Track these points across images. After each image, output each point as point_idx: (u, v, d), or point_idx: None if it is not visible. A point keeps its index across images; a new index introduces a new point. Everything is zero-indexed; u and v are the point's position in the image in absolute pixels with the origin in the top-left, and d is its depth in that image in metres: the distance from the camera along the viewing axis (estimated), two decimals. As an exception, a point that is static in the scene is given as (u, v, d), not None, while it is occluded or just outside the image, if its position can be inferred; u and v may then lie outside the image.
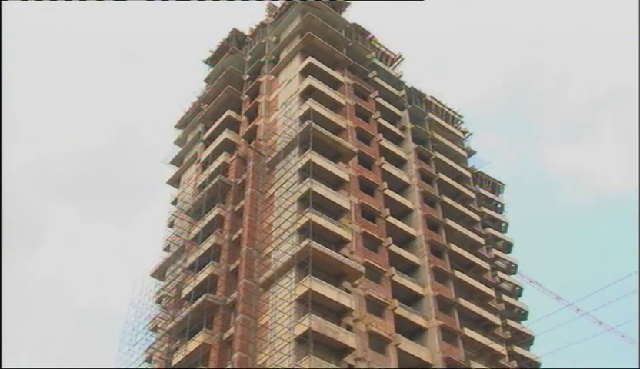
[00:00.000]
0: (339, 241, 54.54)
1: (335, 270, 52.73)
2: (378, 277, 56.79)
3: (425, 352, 56.03)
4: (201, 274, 58.17)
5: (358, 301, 53.00)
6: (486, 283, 68.03)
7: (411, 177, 67.66)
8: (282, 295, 51.18)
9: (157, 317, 62.63)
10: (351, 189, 59.63)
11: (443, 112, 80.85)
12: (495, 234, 76.92)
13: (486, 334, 63.02)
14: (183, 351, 55.12)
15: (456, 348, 58.92)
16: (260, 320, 52.80)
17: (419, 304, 59.05)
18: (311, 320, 47.69)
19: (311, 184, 54.68)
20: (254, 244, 56.94)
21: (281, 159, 60.25)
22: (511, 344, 67.67)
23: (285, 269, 52.27)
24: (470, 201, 74.09)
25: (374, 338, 52.84)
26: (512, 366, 65.23)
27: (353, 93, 68.75)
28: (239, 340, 51.52)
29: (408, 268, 60.55)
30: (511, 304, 72.41)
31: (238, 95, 72.74)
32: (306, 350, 46.71)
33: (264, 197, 60.17)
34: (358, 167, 62.48)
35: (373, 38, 77.28)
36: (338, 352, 49.36)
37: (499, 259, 75.13)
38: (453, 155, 76.16)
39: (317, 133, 58.60)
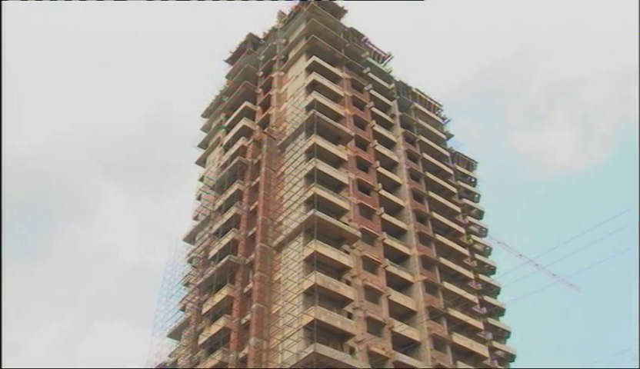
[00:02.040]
0: (339, 210, 54.47)
1: (336, 235, 52.73)
2: (372, 240, 56.73)
3: (411, 302, 56.28)
4: (225, 238, 58.41)
5: (355, 261, 53.05)
6: (462, 244, 68.23)
7: (400, 157, 67.41)
8: (292, 256, 51.39)
9: (189, 274, 62.95)
10: (349, 167, 59.39)
11: (426, 102, 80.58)
12: (469, 204, 76.71)
13: (461, 287, 63.23)
14: (210, 302, 55.60)
15: (437, 298, 59.18)
16: (274, 276, 52.95)
17: (406, 262, 59.12)
18: (317, 276, 47.92)
19: (316, 163, 54.87)
20: (268, 214, 56.90)
21: (290, 142, 60.14)
22: (482, 294, 67.91)
23: (294, 234, 52.45)
24: (448, 176, 73.98)
25: (369, 291, 52.98)
26: (482, 312, 65.34)
27: (350, 86, 68.42)
28: (257, 293, 51.70)
29: (397, 233, 60.48)
30: (482, 262, 72.43)
31: (254, 89, 72.47)
32: (312, 301, 47.04)
33: (276, 175, 60.07)
34: (355, 149, 62.10)
35: (367, 39, 76.77)
36: (339, 303, 49.47)
37: (473, 224, 74.99)
38: (434, 138, 75.89)
39: (320, 120, 58.71)
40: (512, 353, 67.99)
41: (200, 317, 57.41)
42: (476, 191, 79.99)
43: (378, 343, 50.46)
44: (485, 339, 63.24)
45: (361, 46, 74.68)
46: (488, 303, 68.52)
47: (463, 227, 70.73)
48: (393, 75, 77.34)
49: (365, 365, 47.46)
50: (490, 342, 64.38)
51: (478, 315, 63.91)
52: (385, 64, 78.04)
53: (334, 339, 47.17)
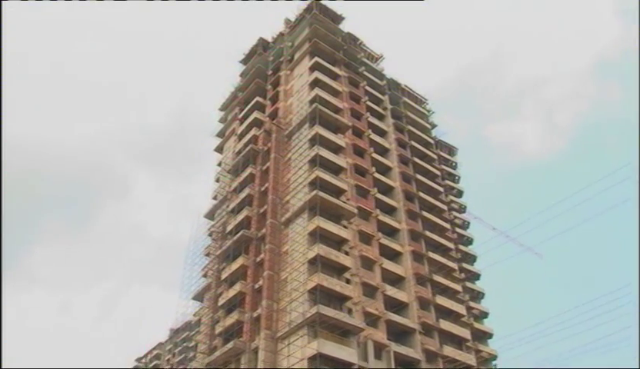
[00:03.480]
0: (339, 190, 54.74)
1: (335, 211, 53.04)
2: (367, 216, 57.09)
3: (401, 269, 56.78)
4: (239, 215, 58.75)
5: (352, 234, 53.44)
6: (444, 220, 68.64)
7: (391, 144, 67.62)
8: (298, 230, 51.79)
9: (209, 246, 63.36)
10: (347, 153, 59.56)
11: (413, 96, 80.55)
12: (450, 184, 77.12)
13: (444, 256, 63.78)
14: (228, 270, 56.04)
15: (423, 266, 59.63)
16: (282, 248, 53.34)
17: (397, 235, 59.57)
18: (319, 248, 48.28)
19: (318, 150, 55.17)
20: (277, 194, 57.23)
21: (295, 132, 60.40)
22: (461, 262, 68.39)
23: (300, 211, 52.77)
24: (433, 160, 74.21)
25: (364, 260, 53.39)
26: (461, 277, 65.89)
27: (348, 83, 68.36)
28: (268, 262, 52.17)
29: (388, 210, 60.88)
30: (461, 234, 72.90)
31: (264, 86, 72.45)
32: (315, 268, 47.44)
33: (283, 160, 60.31)
34: (352, 137, 62.27)
35: (361, 42, 76.66)
36: (338, 270, 49.88)
37: (453, 202, 75.39)
38: (420, 127, 75.96)
39: (322, 112, 58.88)
40: (486, 311, 68.84)
41: (219, 282, 57.95)
42: (456, 174, 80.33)
43: (372, 304, 51.01)
44: (463, 300, 63.85)
45: (357, 48, 74.62)
46: (466, 269, 69.12)
47: (445, 204, 71.15)
48: (385, 73, 77.34)
49: (361, 323, 48.02)
50: (467, 302, 65.04)
51: (458, 280, 64.41)
52: (377, 63, 78.01)
53: (334, 301, 47.64)
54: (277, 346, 47.60)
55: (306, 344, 44.07)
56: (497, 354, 65.06)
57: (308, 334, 44.59)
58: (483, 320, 68.06)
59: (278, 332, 48.08)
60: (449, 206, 72.81)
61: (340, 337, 45.83)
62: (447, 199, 73.11)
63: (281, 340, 47.36)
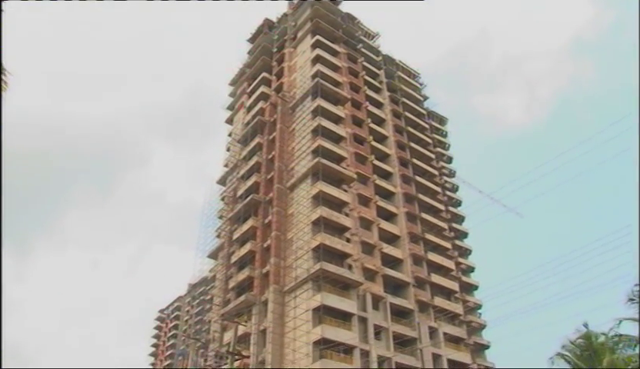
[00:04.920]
0: (339, 157, 54.08)
1: (336, 177, 52.49)
2: (365, 181, 56.43)
3: (396, 229, 56.36)
4: (249, 181, 58.30)
5: (352, 197, 52.92)
6: (435, 184, 67.81)
7: (387, 115, 66.43)
8: (302, 194, 51.37)
9: (222, 209, 62.84)
10: (346, 123, 58.65)
11: (407, 71, 79.02)
12: (441, 152, 75.98)
13: (435, 216, 63.19)
14: (239, 231, 55.75)
15: (416, 226, 59.19)
16: (288, 210, 52.92)
17: (393, 198, 58.91)
18: (322, 210, 47.97)
19: (320, 120, 54.48)
20: (282, 161, 56.55)
21: (299, 104, 59.56)
22: (451, 222, 67.86)
23: (304, 177, 52.29)
24: (425, 129, 73.03)
25: (363, 221, 52.99)
26: (450, 235, 65.43)
27: (347, 59, 67.02)
28: (275, 223, 51.80)
29: (385, 175, 60.11)
30: (451, 197, 72.13)
31: (270, 62, 71.14)
32: (319, 229, 47.30)
33: (288, 130, 59.42)
34: (350, 109, 61.21)
35: (359, 21, 74.94)
36: (339, 230, 49.55)
37: (444, 168, 74.42)
38: (414, 100, 74.59)
39: (323, 86, 58.03)
40: (472, 266, 68.55)
41: (231, 242, 57.63)
42: (447, 142, 79.09)
43: (370, 260, 50.73)
44: (452, 256, 63.49)
45: (355, 27, 72.97)
46: (455, 228, 68.59)
47: (436, 170, 70.26)
48: (380, 50, 75.79)
49: (360, 278, 47.80)
50: (456, 258, 64.69)
51: (447, 238, 63.99)
52: (374, 41, 76.36)
53: (336, 258, 47.37)
54: (284, 299, 47.53)
55: (311, 296, 44.07)
56: (482, 303, 65.02)
57: (313, 288, 44.52)
58: (470, 274, 67.86)
59: (285, 286, 47.94)
60: (440, 171, 71.91)
61: (341, 291, 45.79)
62: (438, 165, 72.17)
63: (288, 293, 47.25)
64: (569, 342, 32.20)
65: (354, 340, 43.41)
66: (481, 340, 64.27)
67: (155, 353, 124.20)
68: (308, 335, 42.44)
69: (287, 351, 44.18)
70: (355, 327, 44.53)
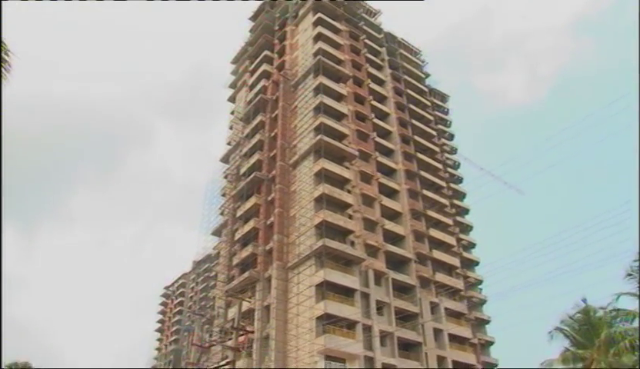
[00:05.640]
0: (341, 135, 53.97)
1: (338, 154, 52.50)
2: (367, 158, 56.39)
3: (398, 205, 56.46)
4: (252, 159, 58.24)
5: (354, 174, 52.96)
6: (437, 160, 67.67)
7: (388, 92, 66.09)
8: (305, 171, 51.41)
9: (225, 187, 63.02)
10: (348, 101, 58.42)
11: (408, 48, 78.32)
12: (443, 129, 75.73)
13: (436, 193, 63.24)
14: (242, 208, 55.87)
15: (418, 203, 59.29)
16: (291, 188, 53.04)
17: (394, 175, 58.92)
18: (324, 187, 48.02)
19: (322, 98, 54.25)
20: (285, 139, 56.49)
21: (301, 82, 59.30)
22: (452, 199, 67.91)
23: (306, 155, 52.29)
24: (427, 107, 72.64)
25: (365, 198, 53.09)
26: (452, 212, 65.52)
27: (348, 36, 66.50)
28: (278, 201, 51.92)
29: (386, 152, 60.06)
30: (452, 174, 72.17)
31: (272, 40, 70.53)
32: (321, 206, 47.44)
33: (290, 108, 59.23)
34: (352, 86, 60.89)
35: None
36: (342, 207, 49.70)
37: (445, 145, 74.22)
38: (415, 77, 74.10)
39: (325, 64, 57.66)
40: (473, 242, 68.83)
41: (235, 219, 57.82)
42: (448, 119, 78.77)
43: (373, 237, 50.93)
44: (454, 232, 63.69)
45: (356, 4, 72.18)
46: (456, 205, 68.70)
47: (438, 147, 70.07)
48: (382, 28, 75.08)
49: (362, 254, 48.05)
50: (457, 234, 64.91)
51: (449, 214, 64.09)
52: (375, 18, 75.58)
53: (338, 235, 47.58)
54: (287, 275, 47.87)
55: (314, 272, 44.39)
56: (482, 279, 65.40)
57: (315, 264, 44.83)
58: (471, 250, 68.13)
59: (288, 263, 48.25)
60: (441, 148, 71.76)
61: (344, 267, 46.08)
62: (439, 142, 71.97)
63: (291, 269, 47.56)
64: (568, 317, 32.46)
65: (356, 316, 43.80)
66: (482, 314, 64.81)
67: (160, 328, 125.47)
68: (312, 311, 42.84)
69: (290, 327, 44.64)
70: (357, 302, 44.92)
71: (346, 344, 41.34)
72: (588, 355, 29.80)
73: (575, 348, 31.49)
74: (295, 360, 42.19)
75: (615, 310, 30.89)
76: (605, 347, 29.44)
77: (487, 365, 61.16)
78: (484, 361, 59.77)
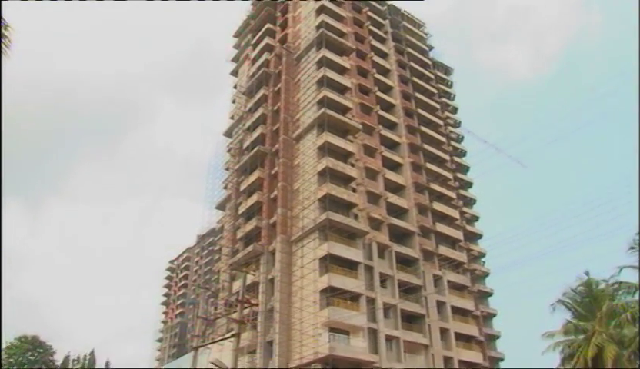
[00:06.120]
0: (344, 108, 53.71)
1: (342, 127, 52.28)
2: (370, 131, 56.15)
3: (401, 178, 56.50)
4: (255, 133, 58.09)
5: (357, 148, 52.82)
6: (440, 134, 67.29)
7: (392, 65, 65.48)
8: (308, 145, 51.36)
9: (228, 161, 62.97)
10: (351, 74, 57.95)
11: (412, 20, 77.36)
12: (446, 102, 75.20)
13: (440, 166, 63.14)
14: (246, 182, 55.99)
15: (421, 176, 59.31)
16: (294, 161, 52.96)
17: (398, 148, 58.75)
18: (328, 160, 48.00)
19: (325, 71, 53.91)
20: (288, 112, 56.26)
21: (304, 55, 58.76)
22: (455, 172, 67.77)
23: (309, 128, 52.14)
24: (430, 80, 71.97)
25: (369, 171, 53.07)
26: (455, 186, 65.48)
27: (351, 8, 65.66)
28: (281, 174, 51.95)
29: (390, 125, 59.76)
30: (456, 147, 71.95)
31: (274, 13, 69.68)
32: (325, 179, 47.49)
33: (293, 81, 58.86)
34: (355, 59, 60.33)
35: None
36: (345, 180, 49.69)
37: (449, 118, 73.83)
38: (419, 50, 73.31)
39: (328, 36, 57.09)
40: (476, 215, 68.91)
41: (238, 193, 57.94)
42: (452, 92, 78.19)
43: (376, 210, 51.01)
44: (457, 205, 63.70)
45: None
46: (459, 178, 68.64)
47: (441, 120, 69.60)
48: (385, 0, 74.15)
49: (366, 227, 48.18)
50: (460, 208, 64.93)
51: (452, 188, 64.08)
52: (379, -10, 74.63)
53: (342, 208, 47.66)
54: (291, 248, 48.12)
55: (317, 246, 44.58)
56: (485, 252, 65.66)
57: (319, 237, 45.00)
58: (474, 223, 68.25)
59: (292, 236, 48.44)
60: (445, 121, 71.34)
61: (347, 240, 46.25)
62: (443, 115, 71.50)
63: (295, 243, 47.78)
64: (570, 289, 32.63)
65: (360, 288, 44.14)
66: (485, 287, 65.27)
67: (166, 302, 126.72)
68: (315, 283, 43.13)
69: (295, 299, 45.01)
70: (361, 275, 45.21)
71: (350, 316, 41.70)
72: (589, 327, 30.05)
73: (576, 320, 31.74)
74: (299, 332, 42.62)
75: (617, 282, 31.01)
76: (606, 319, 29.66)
77: (489, 337, 61.81)
78: (486, 334, 60.36)
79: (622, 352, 28.12)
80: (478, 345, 56.19)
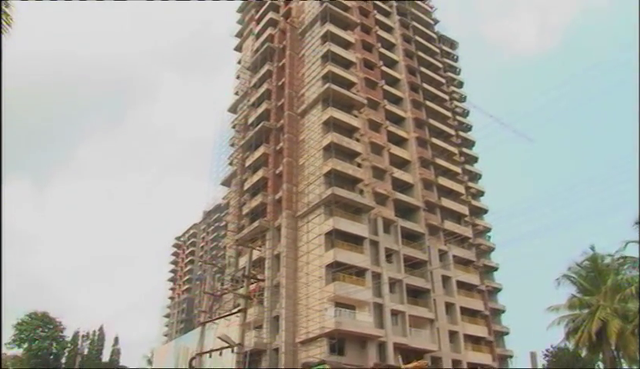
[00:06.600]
0: (349, 83, 53.31)
1: (347, 102, 52.03)
2: (375, 106, 55.92)
3: (407, 153, 56.44)
4: (259, 108, 57.92)
5: (362, 123, 52.68)
6: (446, 108, 66.84)
7: (397, 39, 64.78)
8: (313, 120, 51.24)
9: (233, 137, 62.91)
10: (356, 48, 57.38)
11: (417, -7, 76.25)
12: (452, 76, 74.55)
13: (445, 141, 62.90)
14: (251, 158, 56.00)
15: (426, 151, 59.17)
16: (299, 137, 52.88)
17: (403, 123, 58.54)
18: (333, 135, 47.95)
19: (330, 46, 53.35)
20: (293, 87, 55.95)
21: (308, 30, 58.20)
22: (461, 147, 67.47)
23: (314, 103, 51.95)
24: (435, 54, 71.25)
25: (374, 146, 53.01)
26: (460, 160, 65.28)
27: (356, -18, 64.66)
28: (286, 150, 51.93)
29: (395, 100, 59.44)
30: (461, 121, 71.50)
31: (278, -13, 68.84)
32: (330, 154, 47.47)
33: (298, 56, 58.36)
34: (360, 34, 59.69)
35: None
36: (350, 156, 49.68)
37: (454, 92, 73.25)
38: (424, 23, 72.38)
39: (332, 11, 56.46)
40: (482, 190, 68.82)
41: (244, 169, 58.00)
42: (457, 66, 77.46)
43: (381, 185, 51.04)
44: (462, 180, 63.61)
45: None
46: (465, 153, 68.31)
47: (447, 94, 69.10)
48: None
49: (371, 202, 48.25)
50: (466, 182, 64.84)
51: (458, 163, 63.87)
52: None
53: (347, 183, 47.67)
54: (297, 223, 48.29)
55: (323, 221, 44.73)
56: (491, 227, 65.70)
57: (325, 213, 45.13)
58: (480, 198, 68.19)
59: (297, 212, 48.58)
60: (450, 96, 70.80)
61: (353, 215, 46.35)
62: (448, 89, 70.98)
63: (301, 218, 47.94)
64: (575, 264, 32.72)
65: (365, 263, 44.37)
66: (490, 262, 65.48)
67: (173, 278, 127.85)
68: (321, 259, 43.38)
69: (300, 275, 45.33)
70: (366, 250, 45.40)
71: (356, 291, 41.99)
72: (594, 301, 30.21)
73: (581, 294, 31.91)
74: (306, 307, 43.01)
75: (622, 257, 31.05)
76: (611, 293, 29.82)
77: (494, 312, 62.21)
78: (491, 308, 60.74)
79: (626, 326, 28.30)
80: (483, 319, 56.64)
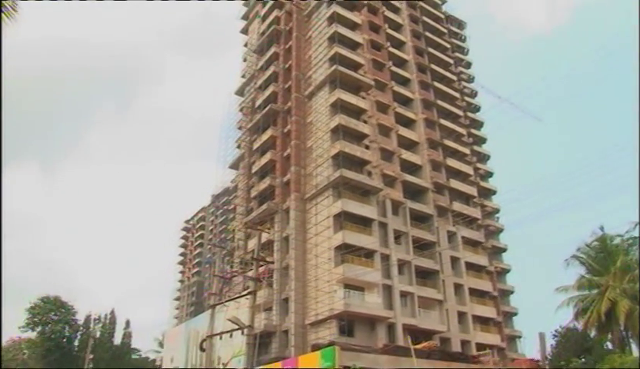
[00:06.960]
0: (357, 64, 53.03)
1: (354, 84, 51.91)
2: (383, 87, 55.64)
3: (415, 135, 56.27)
4: (267, 91, 57.80)
5: (370, 105, 52.48)
6: (454, 89, 66.42)
7: (404, 20, 64.15)
8: (320, 102, 51.17)
9: (241, 120, 62.81)
10: (363, 30, 56.96)
11: (425, -28, 75.31)
12: (460, 57, 73.96)
13: (454, 122, 62.61)
14: (259, 141, 56.04)
15: (434, 132, 58.96)
16: (307, 119, 52.82)
17: (411, 104, 58.22)
18: (340, 117, 47.89)
19: (336, 27, 53.11)
20: (300, 70, 55.77)
21: (314, 11, 57.91)
22: (469, 128, 67.22)
23: (321, 85, 51.83)
24: (443, 34, 70.57)
25: (382, 128, 52.87)
26: (469, 141, 65.02)
27: (362, -39, 63.99)
28: (294, 132, 51.96)
29: (403, 81, 59.04)
30: (469, 102, 71.13)
31: (284, -32, 68.20)
32: (338, 136, 47.49)
33: (304, 38, 58.02)
34: (367, 15, 59.17)
35: None
36: (358, 137, 49.62)
37: (463, 73, 72.69)
38: (432, 3, 71.47)
39: (338, -9, 55.78)
40: (490, 171, 68.65)
41: (252, 152, 58.03)
42: (465, 46, 76.77)
43: (390, 167, 51.02)
44: (471, 161, 63.45)
45: None
46: (473, 134, 68.10)
47: (455, 75, 68.60)
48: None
49: (379, 184, 48.24)
50: (474, 164, 64.66)
51: (466, 144, 63.68)
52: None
53: (355, 165, 47.65)
54: (305, 206, 48.41)
55: (331, 203, 44.81)
56: (500, 207, 65.60)
57: (333, 195, 45.20)
58: (488, 179, 68.04)
59: (306, 194, 48.67)
60: (458, 76, 70.29)
61: (361, 197, 46.40)
62: (456, 70, 70.43)
63: (309, 200, 48.04)
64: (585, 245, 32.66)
65: (374, 245, 44.48)
66: (499, 243, 65.47)
67: (182, 261, 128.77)
68: (330, 241, 43.51)
69: (309, 257, 45.53)
70: (375, 232, 45.46)
71: (364, 273, 42.15)
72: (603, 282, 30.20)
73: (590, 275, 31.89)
74: (315, 289, 43.24)
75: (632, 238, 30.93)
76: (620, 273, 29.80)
77: (503, 293, 62.33)
78: (500, 289, 60.84)
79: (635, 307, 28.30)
80: (492, 300, 56.78)
